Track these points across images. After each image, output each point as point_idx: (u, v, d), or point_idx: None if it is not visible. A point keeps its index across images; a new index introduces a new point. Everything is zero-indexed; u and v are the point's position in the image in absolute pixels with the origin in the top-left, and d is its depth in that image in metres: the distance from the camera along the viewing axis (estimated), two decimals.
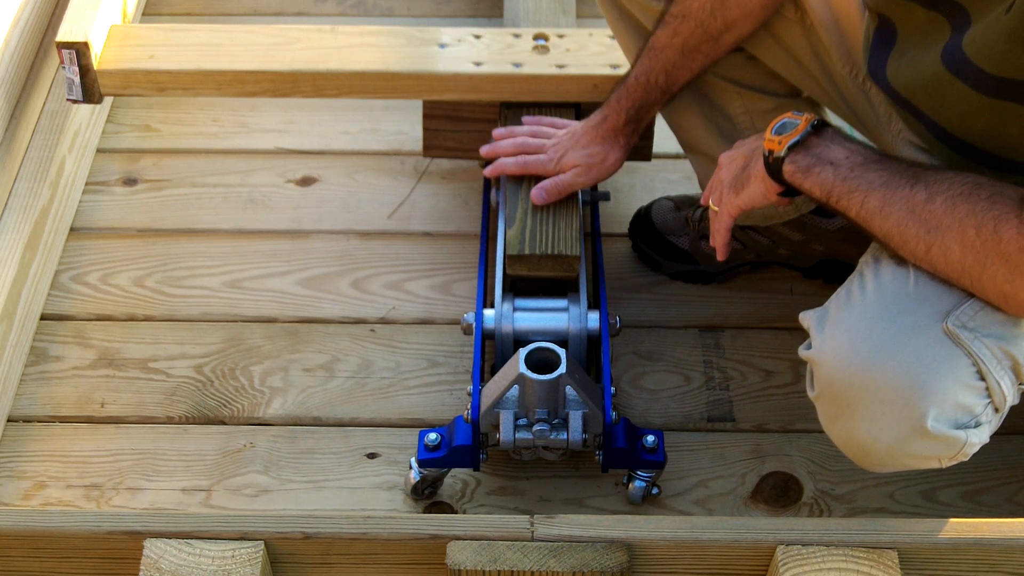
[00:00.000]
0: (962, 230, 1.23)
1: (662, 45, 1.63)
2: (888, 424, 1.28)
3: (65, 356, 1.82)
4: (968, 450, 1.30)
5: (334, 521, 1.41)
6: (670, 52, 1.63)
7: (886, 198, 1.28)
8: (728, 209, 1.48)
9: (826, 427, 1.38)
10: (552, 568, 1.37)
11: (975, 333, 1.26)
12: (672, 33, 1.61)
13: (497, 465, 1.67)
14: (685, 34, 1.60)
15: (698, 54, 1.62)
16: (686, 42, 1.61)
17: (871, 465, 1.37)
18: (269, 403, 1.76)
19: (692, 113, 1.74)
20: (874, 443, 1.31)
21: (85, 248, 1.97)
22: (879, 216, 1.29)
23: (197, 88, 1.88)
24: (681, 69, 1.64)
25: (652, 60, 1.64)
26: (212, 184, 2.08)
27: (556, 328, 1.64)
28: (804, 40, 1.60)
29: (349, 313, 1.88)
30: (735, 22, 1.59)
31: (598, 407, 1.53)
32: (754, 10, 1.57)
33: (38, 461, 1.69)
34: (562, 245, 1.67)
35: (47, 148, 1.93)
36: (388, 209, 2.03)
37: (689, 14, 1.59)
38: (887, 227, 1.29)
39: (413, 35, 1.91)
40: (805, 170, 1.35)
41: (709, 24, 1.59)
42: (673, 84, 1.66)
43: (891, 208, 1.28)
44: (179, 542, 1.38)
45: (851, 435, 1.33)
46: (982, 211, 1.21)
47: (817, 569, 1.35)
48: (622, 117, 1.69)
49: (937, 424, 1.27)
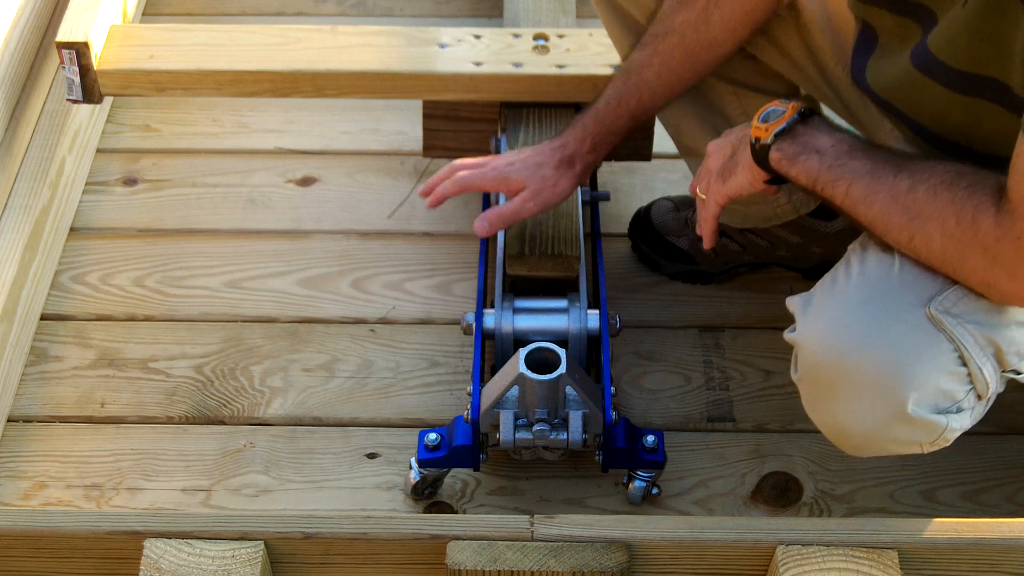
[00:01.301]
0: (942, 219, 1.23)
1: (640, 66, 1.58)
2: (868, 408, 1.29)
3: (65, 356, 1.82)
4: (949, 435, 1.31)
5: (334, 521, 1.41)
6: (648, 73, 1.57)
7: (870, 186, 1.29)
8: (715, 197, 1.48)
9: (808, 410, 1.38)
10: (552, 568, 1.37)
11: (958, 319, 1.26)
12: (652, 53, 1.57)
13: (497, 465, 1.67)
14: (665, 53, 1.56)
15: (675, 76, 1.58)
16: (665, 62, 1.56)
17: (852, 449, 1.37)
18: (269, 403, 1.76)
19: (688, 115, 1.74)
20: (854, 427, 1.32)
21: (85, 248, 1.97)
22: (863, 204, 1.29)
23: (197, 88, 1.88)
24: (656, 93, 1.59)
25: (627, 82, 1.59)
26: (212, 184, 2.08)
27: (556, 328, 1.64)
28: (799, 39, 1.60)
29: (349, 313, 1.88)
30: (717, 39, 1.55)
31: (598, 407, 1.53)
32: (736, 27, 1.55)
33: (38, 461, 1.69)
34: (562, 245, 1.67)
35: (47, 148, 1.93)
36: (388, 209, 2.03)
37: (672, 31, 1.55)
38: (871, 215, 1.29)
39: (413, 35, 1.91)
40: (791, 158, 1.35)
41: (691, 42, 1.55)
42: (644, 110, 1.61)
43: (875, 196, 1.28)
44: (179, 542, 1.38)
45: (832, 419, 1.34)
46: (962, 200, 1.21)
47: (817, 569, 1.35)
48: (586, 143, 1.60)
49: (918, 409, 1.27)
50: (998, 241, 1.19)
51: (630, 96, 1.58)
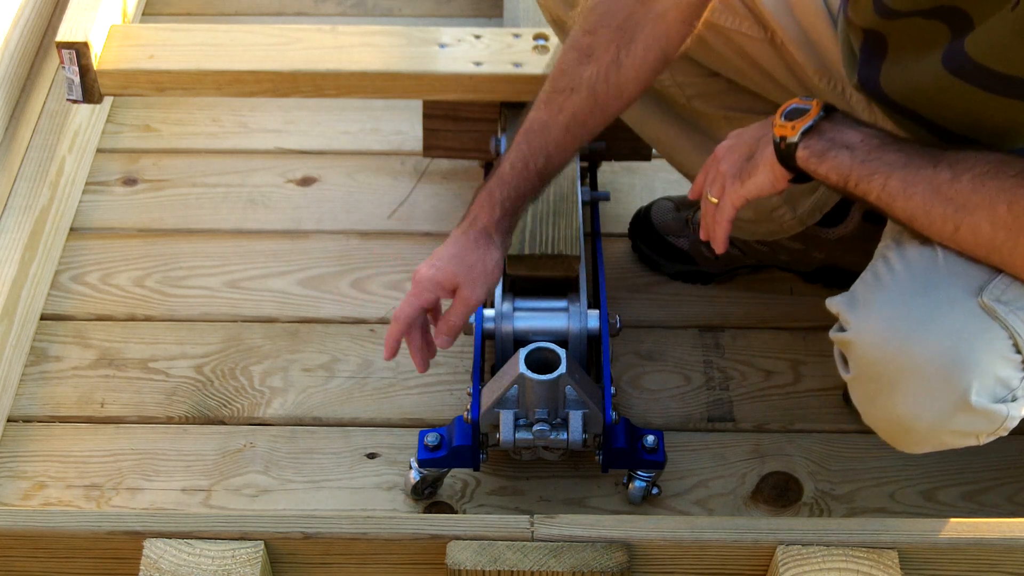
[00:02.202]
0: (992, 208, 1.22)
1: (543, 125, 1.49)
2: (930, 400, 1.27)
3: (65, 356, 1.82)
4: (1009, 424, 1.30)
5: (334, 521, 1.41)
6: (554, 131, 1.49)
7: (907, 179, 1.27)
8: (732, 199, 1.44)
9: (863, 408, 1.36)
10: (552, 568, 1.37)
11: (1009, 307, 1.25)
12: (557, 110, 1.48)
13: (497, 465, 1.67)
14: (573, 108, 1.48)
15: (584, 129, 1.50)
16: (574, 116, 1.48)
17: (909, 444, 1.35)
18: (269, 403, 1.76)
19: (683, 145, 1.74)
20: (915, 420, 1.30)
21: (85, 248, 1.97)
22: (902, 197, 1.27)
23: (197, 88, 1.88)
24: (564, 148, 1.51)
25: (531, 144, 1.50)
26: (212, 184, 2.08)
27: (556, 328, 1.64)
28: (777, 59, 1.59)
29: (349, 313, 1.88)
30: (628, 85, 1.49)
31: (598, 407, 1.53)
32: (648, 70, 1.49)
33: (38, 461, 1.69)
34: (562, 245, 1.67)
35: (47, 148, 1.93)
36: (388, 209, 2.03)
37: (579, 86, 1.47)
38: (911, 208, 1.27)
39: (413, 35, 1.91)
40: (820, 155, 1.33)
41: (602, 93, 1.47)
42: (552, 168, 1.52)
43: (914, 189, 1.26)
44: (179, 542, 1.38)
45: (891, 414, 1.32)
46: (1012, 187, 1.20)
47: (817, 569, 1.35)
48: (496, 212, 1.50)
49: (979, 398, 1.26)
50: None
51: (536, 157, 1.50)
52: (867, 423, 1.38)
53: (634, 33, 1.45)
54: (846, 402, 1.74)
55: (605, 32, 1.45)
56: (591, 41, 1.46)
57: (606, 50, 1.46)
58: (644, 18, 1.44)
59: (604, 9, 1.45)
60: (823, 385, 1.76)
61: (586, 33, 1.47)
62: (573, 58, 1.48)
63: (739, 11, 1.57)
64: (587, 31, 1.46)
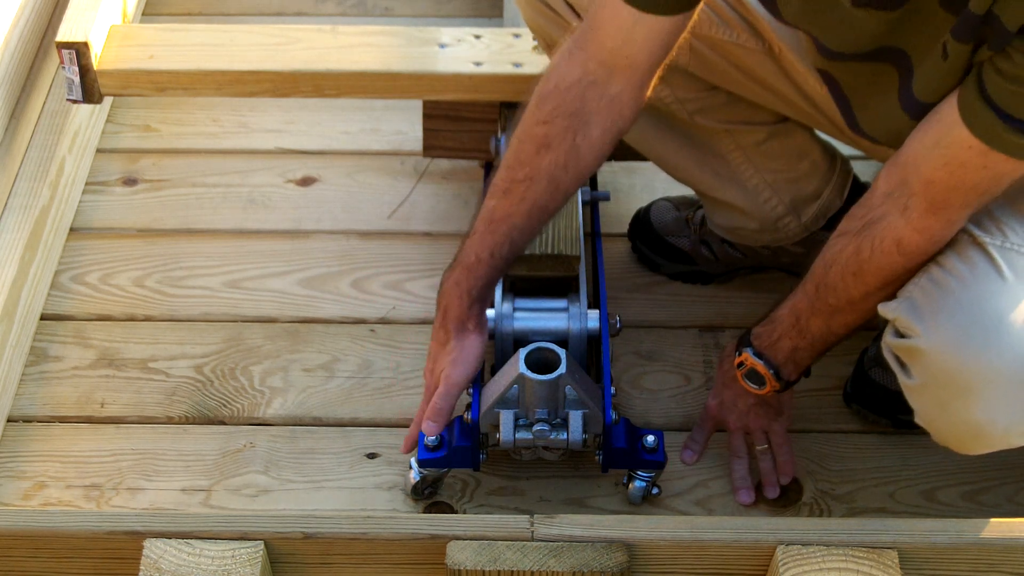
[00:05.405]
0: (855, 248, 1.38)
1: (506, 215, 1.49)
2: (1007, 405, 1.29)
3: (65, 356, 1.82)
4: None
5: (334, 521, 1.41)
6: (518, 219, 1.49)
7: (807, 320, 1.49)
8: (781, 428, 1.64)
9: (930, 415, 1.37)
10: (552, 568, 1.37)
11: None
12: (518, 200, 1.48)
13: (497, 465, 1.67)
14: (534, 197, 1.48)
15: (546, 213, 1.51)
16: (535, 204, 1.49)
17: (977, 448, 1.36)
18: (269, 403, 1.76)
19: (684, 160, 1.75)
20: (990, 425, 1.31)
21: (85, 248, 1.97)
22: (826, 327, 1.48)
23: (197, 88, 1.88)
24: (528, 232, 1.51)
25: (495, 234, 1.50)
26: (212, 184, 2.08)
27: (556, 328, 1.64)
28: (776, 69, 1.59)
29: (349, 313, 1.88)
30: (587, 165, 1.49)
31: (598, 407, 1.53)
32: (604, 147, 1.48)
33: (38, 461, 1.69)
34: (562, 245, 1.67)
35: (47, 148, 1.93)
36: (388, 209, 2.03)
37: (538, 175, 1.46)
38: (833, 325, 1.48)
39: (413, 35, 1.91)
40: (771, 345, 1.54)
41: (562, 180, 1.48)
42: (517, 250, 1.53)
43: (815, 317, 1.48)
44: (179, 542, 1.38)
45: (965, 419, 1.32)
46: (858, 236, 1.38)
47: (817, 569, 1.35)
48: (465, 301, 1.52)
49: None
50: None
51: (500, 246, 1.51)
52: (927, 427, 1.39)
53: (589, 118, 1.44)
54: (846, 402, 1.74)
55: (560, 121, 1.44)
56: (546, 131, 1.45)
57: (563, 138, 1.45)
58: (598, 103, 1.43)
59: (557, 100, 1.44)
60: (823, 385, 1.76)
61: (540, 123, 1.45)
62: (530, 149, 1.46)
63: (736, 24, 1.58)
64: (541, 121, 1.45)
